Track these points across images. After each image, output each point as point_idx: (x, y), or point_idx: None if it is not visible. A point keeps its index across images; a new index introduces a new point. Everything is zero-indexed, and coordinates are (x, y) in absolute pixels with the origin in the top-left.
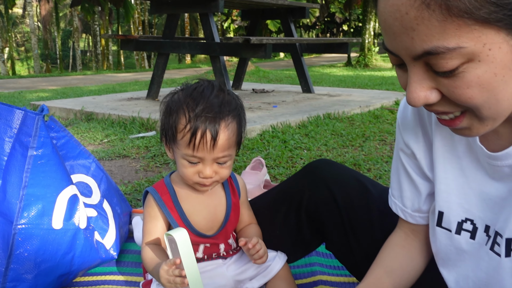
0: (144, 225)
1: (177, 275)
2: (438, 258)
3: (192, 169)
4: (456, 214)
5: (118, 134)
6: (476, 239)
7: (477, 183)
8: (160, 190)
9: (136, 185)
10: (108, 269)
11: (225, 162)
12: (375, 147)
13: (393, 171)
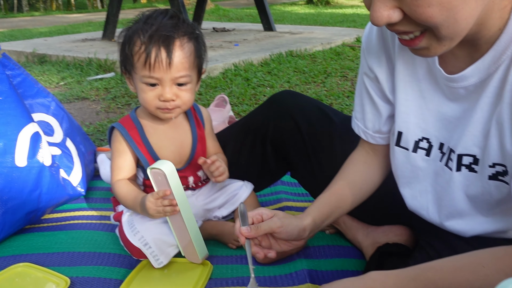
0: (113, 161)
1: (167, 205)
2: (396, 176)
3: (152, 92)
4: (413, 133)
5: (75, 77)
6: (431, 156)
7: (435, 104)
8: (127, 125)
9: (99, 126)
10: (77, 205)
11: (185, 84)
12: (336, 83)
13: (357, 94)
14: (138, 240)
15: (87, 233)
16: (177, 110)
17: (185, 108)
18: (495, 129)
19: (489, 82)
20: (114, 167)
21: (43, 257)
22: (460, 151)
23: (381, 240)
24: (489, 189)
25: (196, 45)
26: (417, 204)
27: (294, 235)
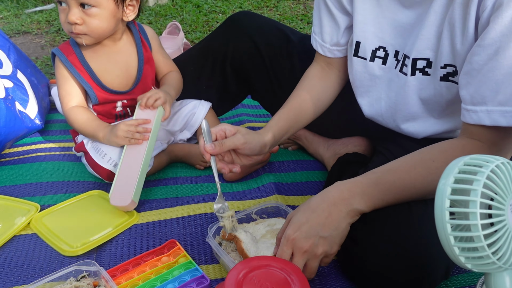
0: (60, 87)
1: (140, 131)
2: (354, 87)
3: (63, 15)
4: (370, 43)
5: (11, 10)
6: (387, 64)
7: (390, 12)
8: (66, 51)
9: (46, 59)
10: (36, 139)
11: (89, 7)
12: (289, 6)
13: (315, 9)
14: (107, 162)
15: (52, 164)
16: (86, 37)
17: (96, 36)
18: (447, 31)
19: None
20: (62, 94)
21: (10, 189)
22: (414, 56)
23: (341, 151)
24: (441, 90)
25: None
26: (373, 111)
27: (256, 150)
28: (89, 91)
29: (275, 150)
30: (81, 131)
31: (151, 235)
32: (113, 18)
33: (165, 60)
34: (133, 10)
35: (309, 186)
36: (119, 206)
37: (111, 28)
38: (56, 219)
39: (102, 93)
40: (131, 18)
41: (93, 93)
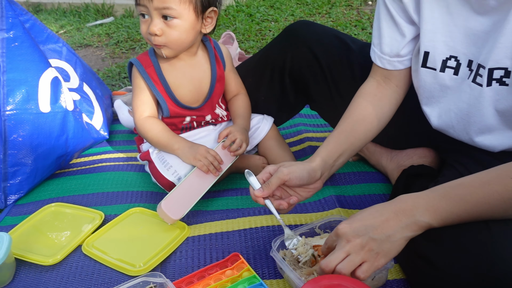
0: (136, 97)
1: (215, 166)
2: (422, 98)
3: (144, 25)
4: (441, 52)
5: (74, 24)
6: (459, 74)
7: (462, 19)
8: (144, 62)
9: (107, 71)
10: (101, 149)
11: (171, 18)
12: (342, 12)
13: (375, 19)
14: (172, 175)
15: (116, 174)
16: (166, 49)
17: (175, 48)
18: None
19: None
20: (137, 103)
21: (78, 198)
22: (491, 65)
23: (406, 163)
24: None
25: None
26: (443, 123)
27: (305, 178)
28: (162, 104)
29: None
30: (154, 141)
31: (214, 247)
32: (192, 30)
33: (236, 80)
34: (211, 22)
35: (373, 200)
36: (165, 215)
37: (190, 40)
38: (108, 242)
39: (174, 107)
40: (209, 30)
41: (166, 106)
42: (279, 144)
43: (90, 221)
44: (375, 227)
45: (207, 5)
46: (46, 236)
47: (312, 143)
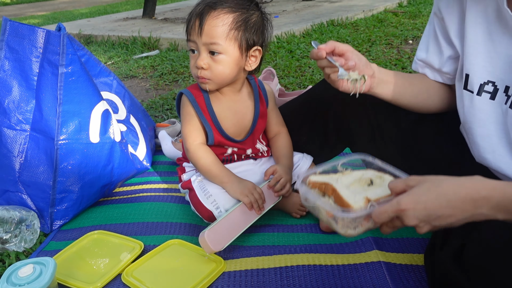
0: (187, 124)
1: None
2: (463, 122)
3: (193, 60)
4: (479, 76)
5: (121, 56)
6: (496, 99)
7: (504, 47)
8: (194, 92)
9: (151, 103)
10: (144, 179)
11: (217, 54)
12: (382, 51)
13: (424, 33)
14: (211, 204)
15: (156, 205)
16: (210, 83)
17: (218, 82)
18: None
19: None
20: (189, 129)
21: (119, 227)
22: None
23: None
24: None
25: (237, 18)
26: (480, 149)
27: (363, 60)
28: (209, 133)
29: None
30: (204, 170)
31: (249, 284)
32: (235, 66)
33: (277, 118)
34: (255, 61)
35: (412, 243)
36: (206, 245)
37: (233, 75)
38: (146, 272)
39: (219, 136)
40: (252, 67)
41: (212, 134)
42: None
43: (130, 250)
44: (439, 216)
45: (252, 44)
46: (86, 263)
47: None
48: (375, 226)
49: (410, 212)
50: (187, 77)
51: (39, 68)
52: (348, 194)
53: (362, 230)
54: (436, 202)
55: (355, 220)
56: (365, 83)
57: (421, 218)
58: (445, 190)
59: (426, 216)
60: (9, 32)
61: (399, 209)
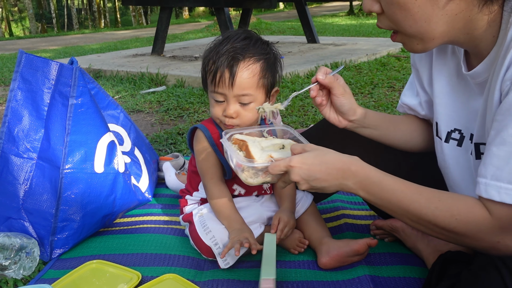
0: (205, 160)
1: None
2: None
3: (219, 107)
4: (446, 124)
5: (129, 90)
6: (463, 146)
7: (465, 100)
8: (210, 128)
9: (155, 137)
10: (144, 211)
11: (248, 103)
12: (384, 93)
13: (409, 80)
14: (210, 239)
15: (156, 236)
16: (236, 128)
17: (243, 126)
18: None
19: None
20: (207, 166)
21: (118, 257)
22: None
23: (443, 248)
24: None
25: (263, 66)
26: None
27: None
28: (226, 168)
29: (374, 244)
30: (216, 207)
31: None
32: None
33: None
34: (273, 100)
35: (408, 283)
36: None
37: (257, 119)
38: None
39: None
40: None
41: (230, 169)
42: (316, 220)
43: (127, 280)
44: (316, 178)
45: (273, 86)
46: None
47: (349, 220)
48: (272, 180)
49: (296, 169)
50: (192, 113)
51: (50, 99)
52: (256, 151)
53: (261, 181)
54: (318, 167)
55: (256, 171)
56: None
57: (303, 177)
58: (327, 158)
59: (307, 176)
60: (24, 64)
61: (289, 165)
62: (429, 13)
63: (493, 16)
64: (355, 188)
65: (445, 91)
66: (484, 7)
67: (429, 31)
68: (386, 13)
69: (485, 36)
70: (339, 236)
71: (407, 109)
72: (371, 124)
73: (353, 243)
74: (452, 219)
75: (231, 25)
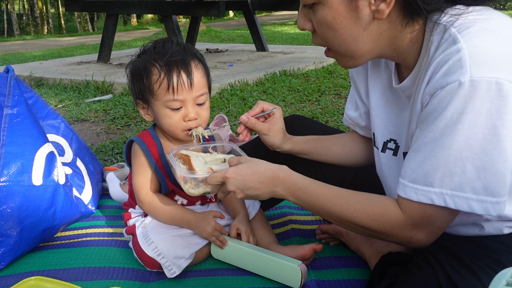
0: (140, 175)
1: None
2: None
3: (176, 116)
4: (382, 134)
5: (73, 99)
6: (398, 155)
7: (399, 112)
8: (147, 140)
9: (101, 146)
10: (88, 223)
11: (204, 102)
12: (331, 100)
13: (350, 93)
14: (152, 251)
15: (99, 249)
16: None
17: (204, 126)
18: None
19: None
20: (142, 181)
21: (59, 272)
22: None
23: (384, 250)
24: None
25: (205, 66)
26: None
27: (271, 143)
28: (162, 182)
29: (319, 249)
30: (167, 217)
31: None
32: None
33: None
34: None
35: (352, 285)
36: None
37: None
38: None
39: (172, 184)
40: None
41: (165, 183)
42: (264, 226)
43: None
44: (250, 187)
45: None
46: None
47: (296, 226)
48: (212, 190)
49: (231, 180)
50: (140, 121)
51: None
52: (198, 164)
53: (202, 191)
54: (251, 177)
55: (197, 182)
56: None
57: (238, 186)
58: (258, 168)
59: (242, 185)
60: None
61: (225, 176)
62: (355, 34)
63: (416, 34)
64: (285, 194)
65: (380, 103)
66: (406, 26)
67: (356, 50)
68: (317, 32)
69: (411, 50)
70: (286, 242)
71: (350, 122)
72: (301, 152)
73: (299, 249)
74: (368, 219)
75: (180, 32)
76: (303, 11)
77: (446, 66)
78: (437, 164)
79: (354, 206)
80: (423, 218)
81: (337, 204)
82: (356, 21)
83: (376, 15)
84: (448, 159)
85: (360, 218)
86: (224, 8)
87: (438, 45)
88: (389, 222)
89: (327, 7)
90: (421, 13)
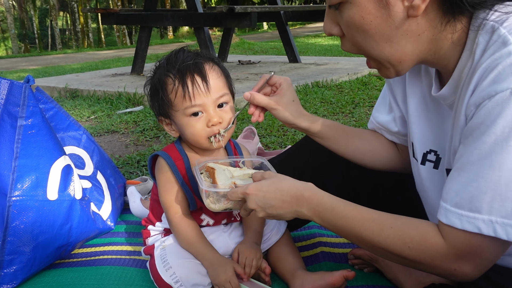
0: (167, 193)
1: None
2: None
3: (199, 123)
4: (421, 145)
5: (105, 110)
6: (440, 168)
7: (439, 121)
8: (173, 155)
9: (128, 158)
10: (106, 240)
11: (226, 104)
12: (365, 113)
13: (380, 95)
14: (170, 277)
15: (116, 269)
16: (225, 138)
17: (228, 135)
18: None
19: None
20: (170, 199)
21: None
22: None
23: (426, 280)
24: None
25: (221, 67)
26: (430, 215)
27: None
28: (190, 199)
29: (351, 276)
30: (186, 244)
31: None
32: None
33: None
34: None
35: None
36: None
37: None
38: None
39: (200, 202)
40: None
41: (194, 200)
42: (289, 250)
43: None
44: (272, 206)
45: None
46: None
47: (325, 249)
48: (234, 207)
49: (252, 196)
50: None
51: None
52: (222, 178)
53: (223, 207)
54: (273, 194)
55: (218, 197)
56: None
57: (259, 204)
58: (282, 186)
59: (263, 203)
60: None
61: (245, 192)
62: (388, 34)
63: (458, 35)
64: (310, 215)
65: (419, 110)
66: (447, 26)
67: (393, 53)
68: (347, 36)
69: (452, 55)
70: (315, 267)
71: (377, 126)
72: (319, 136)
73: (328, 276)
74: (405, 247)
75: (211, 44)
76: (329, 14)
77: (495, 72)
78: (485, 186)
79: (388, 231)
80: (468, 249)
81: (368, 228)
82: (388, 19)
83: (410, 12)
84: (498, 181)
85: (395, 246)
86: (256, 19)
87: (485, 48)
88: (429, 251)
89: (354, 6)
90: (464, 10)
